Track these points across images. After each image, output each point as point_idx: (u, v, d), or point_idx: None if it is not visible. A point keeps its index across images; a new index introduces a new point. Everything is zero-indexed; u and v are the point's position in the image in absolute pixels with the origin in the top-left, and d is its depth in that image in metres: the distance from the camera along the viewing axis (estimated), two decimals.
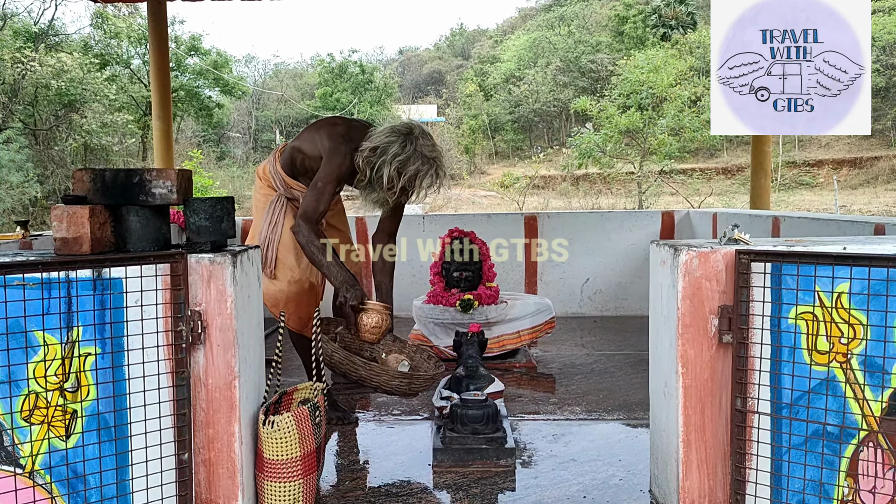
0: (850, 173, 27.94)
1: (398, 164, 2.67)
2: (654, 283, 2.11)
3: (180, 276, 1.80)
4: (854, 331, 1.65)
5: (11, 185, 16.50)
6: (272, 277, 2.88)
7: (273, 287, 2.89)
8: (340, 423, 2.99)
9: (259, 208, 3.02)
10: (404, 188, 2.73)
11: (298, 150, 2.94)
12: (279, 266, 2.89)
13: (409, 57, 50.56)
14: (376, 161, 2.72)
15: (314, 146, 2.89)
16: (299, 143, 2.97)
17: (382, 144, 2.72)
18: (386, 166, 2.68)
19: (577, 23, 38.86)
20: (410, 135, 2.73)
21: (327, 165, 2.80)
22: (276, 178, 2.98)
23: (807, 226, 3.77)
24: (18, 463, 1.65)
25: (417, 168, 2.68)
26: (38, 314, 1.64)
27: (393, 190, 2.72)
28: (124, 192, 1.87)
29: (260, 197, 3.03)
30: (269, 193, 3.00)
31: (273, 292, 2.89)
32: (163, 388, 1.80)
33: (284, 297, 2.90)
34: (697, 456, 1.91)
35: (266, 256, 2.88)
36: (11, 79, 19.53)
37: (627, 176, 24.71)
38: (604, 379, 3.64)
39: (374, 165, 2.73)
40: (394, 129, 2.75)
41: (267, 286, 2.87)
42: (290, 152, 2.98)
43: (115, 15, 23.91)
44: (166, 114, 6.13)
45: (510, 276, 5.32)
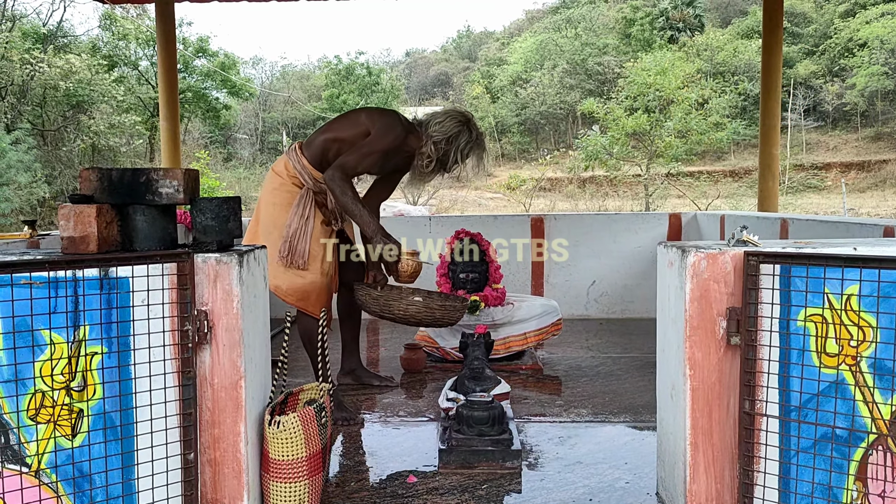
0: (859, 176, 27.85)
1: (468, 150, 3.06)
2: (662, 285, 2.10)
3: (187, 275, 1.80)
4: (864, 333, 1.63)
5: (19, 185, 16.57)
6: (303, 270, 2.96)
7: (302, 280, 2.97)
8: (346, 424, 2.99)
9: (280, 204, 3.05)
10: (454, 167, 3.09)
11: (334, 140, 3.05)
12: (311, 259, 2.97)
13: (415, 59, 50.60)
14: (449, 148, 3.03)
15: (356, 128, 3.04)
16: (333, 133, 3.07)
17: (453, 133, 3.03)
18: (457, 153, 3.03)
19: (584, 25, 38.85)
20: (471, 122, 3.10)
21: (381, 137, 2.98)
22: (303, 174, 3.04)
23: (815, 228, 3.75)
24: (24, 462, 1.65)
25: (479, 154, 3.09)
26: (45, 313, 1.64)
27: (450, 172, 3.08)
28: (131, 192, 1.87)
29: (283, 193, 3.06)
30: (293, 190, 3.05)
31: (302, 285, 2.97)
32: (169, 387, 1.80)
33: (316, 289, 2.99)
34: (705, 459, 1.90)
35: (298, 249, 2.95)
36: (20, 80, 19.63)
37: (634, 178, 24.70)
38: (610, 381, 3.63)
39: (445, 151, 3.04)
40: (453, 116, 3.08)
41: (293, 280, 2.96)
42: (322, 144, 3.06)
43: (123, 16, 24.02)
44: (174, 115, 6.14)
45: (516, 277, 5.31)
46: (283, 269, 3.00)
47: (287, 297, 3.00)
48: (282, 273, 2.99)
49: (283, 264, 2.97)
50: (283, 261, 2.97)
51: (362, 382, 3.54)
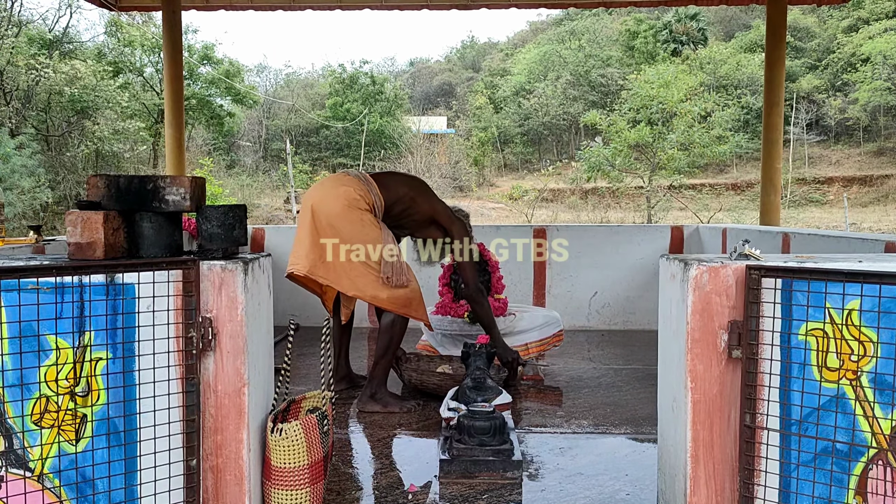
0: (861, 191, 27.85)
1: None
2: (664, 298, 2.11)
3: (192, 282, 1.81)
4: (864, 348, 1.64)
5: (23, 189, 16.61)
6: (406, 284, 3.26)
7: (404, 291, 3.26)
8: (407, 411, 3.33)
9: (368, 223, 3.25)
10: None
11: (413, 200, 3.49)
12: (409, 271, 3.29)
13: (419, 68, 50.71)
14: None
15: (428, 203, 3.54)
16: (413, 193, 3.48)
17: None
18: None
19: (588, 37, 38.96)
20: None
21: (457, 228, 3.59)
22: (377, 206, 3.36)
23: (817, 243, 3.76)
24: (28, 466, 1.65)
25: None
26: (51, 318, 1.65)
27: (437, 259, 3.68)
28: (138, 199, 1.88)
29: (365, 213, 3.29)
30: (370, 213, 3.30)
31: (405, 294, 3.26)
32: (172, 393, 1.81)
33: (417, 295, 3.31)
34: (705, 472, 1.90)
35: (401, 266, 3.24)
36: (25, 85, 19.71)
37: (637, 190, 24.72)
38: (611, 393, 3.63)
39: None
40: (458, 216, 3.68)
41: (394, 292, 3.23)
42: (399, 195, 3.44)
43: (129, 23, 24.14)
44: (179, 122, 6.17)
45: (518, 288, 5.32)
46: (381, 283, 3.22)
47: (391, 306, 3.25)
48: (380, 285, 3.22)
49: (387, 285, 3.22)
50: (387, 282, 3.21)
51: (358, 385, 3.59)
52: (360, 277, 3.18)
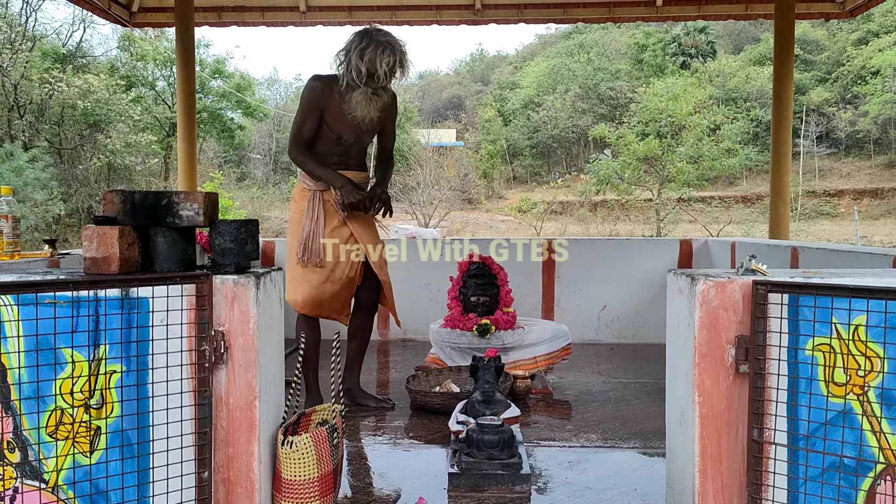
0: (871, 204, 27.72)
1: (359, 52, 3.08)
2: (671, 312, 2.12)
3: (205, 296, 1.84)
4: (871, 363, 1.65)
5: (36, 202, 16.78)
6: (319, 266, 3.22)
7: (316, 291, 3.24)
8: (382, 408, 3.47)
9: (295, 217, 3.31)
10: (371, 75, 3.10)
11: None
12: (327, 256, 3.22)
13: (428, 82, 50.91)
14: (345, 60, 3.14)
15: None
16: None
17: (346, 45, 3.15)
18: (353, 60, 3.09)
19: (597, 50, 39.07)
20: (367, 30, 3.14)
21: (301, 100, 3.30)
22: (303, 177, 3.32)
23: (826, 257, 3.76)
24: (42, 478, 1.68)
25: (375, 51, 3.06)
26: (67, 332, 1.68)
27: (361, 77, 3.10)
28: (153, 214, 1.92)
29: (295, 205, 3.34)
30: (304, 194, 3.30)
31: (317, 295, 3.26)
32: (185, 406, 1.83)
33: (295, 275, 3.24)
34: (714, 486, 1.91)
35: (313, 248, 3.20)
36: (39, 98, 19.95)
37: (646, 203, 24.69)
38: (620, 407, 3.63)
39: (345, 64, 3.15)
40: (353, 32, 3.19)
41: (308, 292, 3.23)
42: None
43: (141, 38, 24.39)
44: (191, 136, 6.24)
45: (527, 301, 5.33)
46: (298, 282, 3.22)
47: (304, 309, 3.25)
48: (298, 284, 3.22)
49: (300, 265, 3.20)
50: (300, 262, 3.20)
51: (357, 403, 3.57)
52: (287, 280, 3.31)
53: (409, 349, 5.11)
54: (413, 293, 5.36)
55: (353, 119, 3.23)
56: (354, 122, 3.24)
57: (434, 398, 3.50)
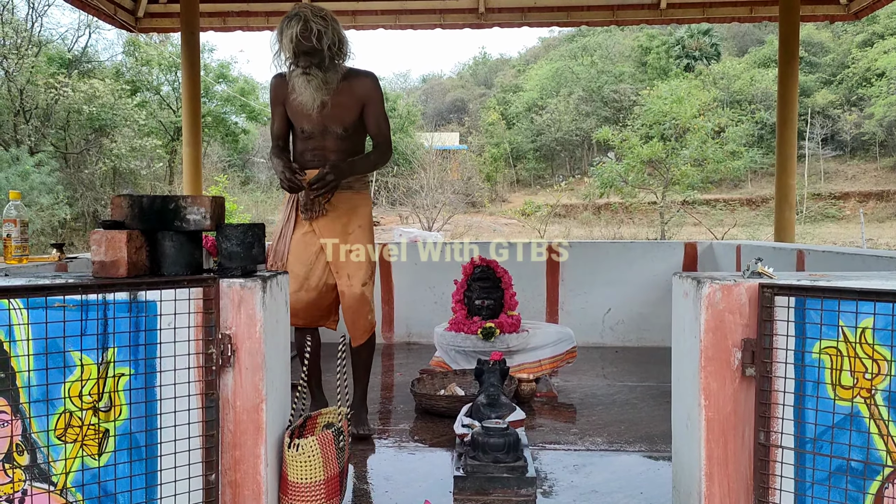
0: (877, 206, 27.64)
1: (278, 34, 2.99)
2: (677, 315, 2.12)
3: (212, 300, 1.85)
4: (878, 366, 1.65)
5: (42, 206, 16.84)
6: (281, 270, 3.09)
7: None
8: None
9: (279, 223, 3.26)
10: (296, 53, 2.96)
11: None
12: (291, 262, 3.11)
13: (432, 85, 50.96)
14: (276, 49, 3.05)
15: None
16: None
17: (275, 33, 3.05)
18: (276, 44, 3.02)
19: (600, 53, 39.06)
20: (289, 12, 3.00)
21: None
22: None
23: (831, 260, 3.75)
24: (51, 480, 1.69)
25: (283, 25, 2.95)
26: (75, 335, 1.69)
27: (288, 59, 3.03)
28: (160, 218, 1.93)
29: (283, 202, 3.29)
30: (286, 196, 3.25)
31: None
32: (192, 409, 1.84)
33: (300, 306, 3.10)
34: (720, 490, 1.90)
35: (277, 250, 3.13)
36: (45, 103, 20.03)
37: (650, 206, 24.67)
38: (625, 410, 3.63)
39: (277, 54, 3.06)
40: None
41: None
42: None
43: (147, 43, 24.48)
44: (196, 141, 6.25)
45: (531, 304, 5.33)
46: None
47: None
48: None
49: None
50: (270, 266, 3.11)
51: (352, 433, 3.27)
52: None
53: (414, 352, 5.12)
54: (417, 296, 5.37)
55: (303, 107, 3.05)
56: (306, 110, 3.05)
57: (439, 401, 3.50)
